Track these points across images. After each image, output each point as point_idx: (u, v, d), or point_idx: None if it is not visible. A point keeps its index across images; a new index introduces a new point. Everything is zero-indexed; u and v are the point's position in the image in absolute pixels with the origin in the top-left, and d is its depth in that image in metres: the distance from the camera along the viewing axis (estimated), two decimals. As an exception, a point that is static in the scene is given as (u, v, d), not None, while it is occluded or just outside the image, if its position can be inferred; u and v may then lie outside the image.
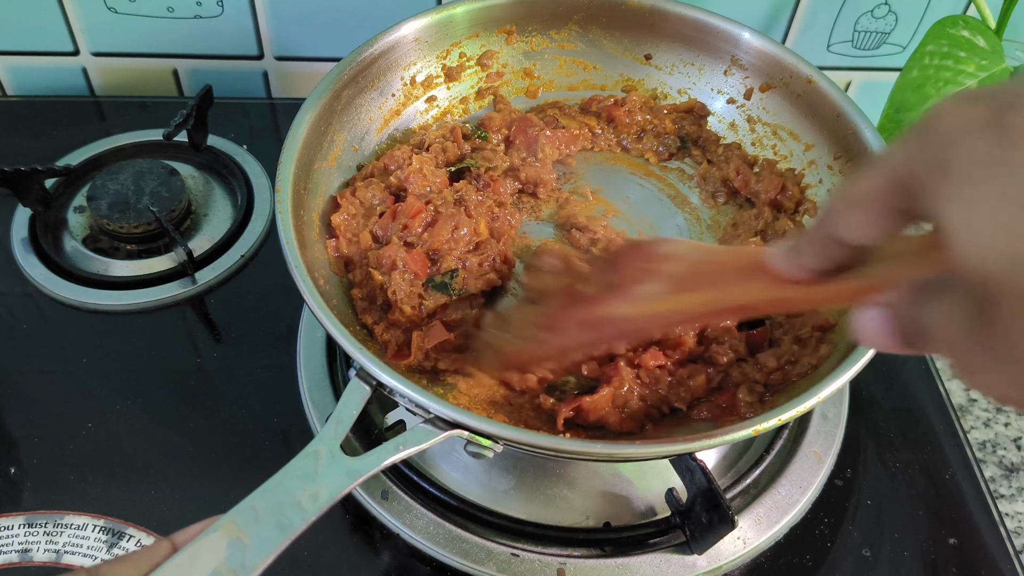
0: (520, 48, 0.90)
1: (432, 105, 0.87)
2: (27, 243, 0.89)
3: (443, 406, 0.55)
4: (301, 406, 0.78)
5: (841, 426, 0.80)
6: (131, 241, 0.90)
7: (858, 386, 0.84)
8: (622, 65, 0.91)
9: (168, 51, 1.07)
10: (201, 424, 0.77)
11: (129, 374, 0.80)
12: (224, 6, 1.02)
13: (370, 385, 0.57)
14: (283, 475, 0.51)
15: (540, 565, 0.69)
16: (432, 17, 0.83)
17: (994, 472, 0.82)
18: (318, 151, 0.74)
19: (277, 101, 1.11)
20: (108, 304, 0.84)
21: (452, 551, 0.69)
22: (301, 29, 1.04)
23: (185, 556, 0.44)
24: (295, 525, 0.48)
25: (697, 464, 0.65)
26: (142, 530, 0.69)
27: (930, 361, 0.87)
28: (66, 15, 1.02)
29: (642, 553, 0.70)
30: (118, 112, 1.05)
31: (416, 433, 0.55)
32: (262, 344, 0.83)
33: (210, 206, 0.95)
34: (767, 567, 0.71)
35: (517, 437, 0.54)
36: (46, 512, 0.70)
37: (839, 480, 0.77)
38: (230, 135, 1.01)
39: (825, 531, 0.73)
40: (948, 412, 0.83)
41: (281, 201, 0.66)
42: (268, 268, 0.90)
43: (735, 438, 0.56)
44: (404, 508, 0.71)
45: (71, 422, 0.76)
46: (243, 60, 1.08)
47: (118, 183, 0.90)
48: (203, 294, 0.87)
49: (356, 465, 0.52)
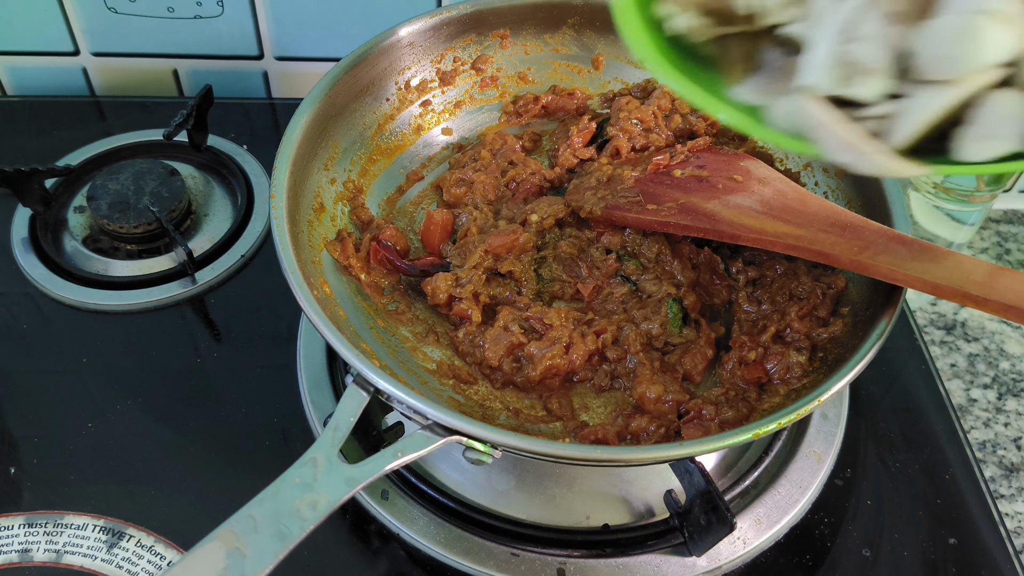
0: (514, 52, 0.90)
1: (427, 109, 0.87)
2: (27, 243, 0.89)
3: (441, 412, 0.55)
4: (301, 406, 0.78)
5: (841, 426, 0.80)
6: (131, 241, 0.90)
7: (858, 386, 0.84)
8: (616, 69, 0.91)
9: (168, 51, 1.07)
10: (201, 424, 0.77)
11: (129, 374, 0.80)
12: (224, 6, 1.01)
13: (368, 391, 0.57)
14: (281, 483, 0.51)
15: (540, 565, 0.69)
16: (426, 21, 0.83)
17: (994, 472, 0.82)
18: (314, 156, 0.74)
19: (277, 101, 1.11)
20: (108, 304, 0.85)
21: (452, 551, 0.69)
22: (301, 29, 1.04)
23: (183, 567, 0.44)
24: (294, 534, 0.48)
25: (696, 466, 0.65)
26: (142, 530, 0.69)
27: (930, 361, 0.87)
28: (66, 15, 1.01)
29: (642, 553, 0.70)
30: (118, 112, 1.05)
31: (415, 439, 0.55)
32: (262, 344, 0.83)
33: (210, 206, 0.95)
34: (767, 567, 0.71)
35: (515, 443, 0.54)
36: (46, 512, 0.70)
37: (839, 480, 0.77)
38: (230, 135, 1.01)
39: (825, 531, 0.73)
40: (948, 412, 0.83)
41: (276, 207, 0.66)
42: (268, 268, 0.90)
43: (733, 442, 0.56)
44: (404, 508, 0.71)
45: (71, 422, 0.76)
46: (243, 60, 1.08)
47: (118, 183, 0.90)
48: (203, 294, 0.87)
49: (355, 472, 0.52)
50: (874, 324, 0.63)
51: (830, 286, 0.71)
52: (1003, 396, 0.88)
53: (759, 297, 0.74)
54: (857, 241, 0.63)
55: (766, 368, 0.69)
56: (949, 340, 0.93)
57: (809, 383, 0.66)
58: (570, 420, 0.70)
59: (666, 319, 0.73)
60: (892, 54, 0.47)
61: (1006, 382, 0.90)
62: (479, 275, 0.74)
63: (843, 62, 0.48)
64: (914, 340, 0.89)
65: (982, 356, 0.92)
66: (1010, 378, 0.90)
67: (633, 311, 0.74)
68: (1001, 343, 0.93)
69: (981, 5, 0.43)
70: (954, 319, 0.95)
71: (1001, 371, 0.91)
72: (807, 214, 0.66)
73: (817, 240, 0.64)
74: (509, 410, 0.70)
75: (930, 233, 1.01)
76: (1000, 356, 0.92)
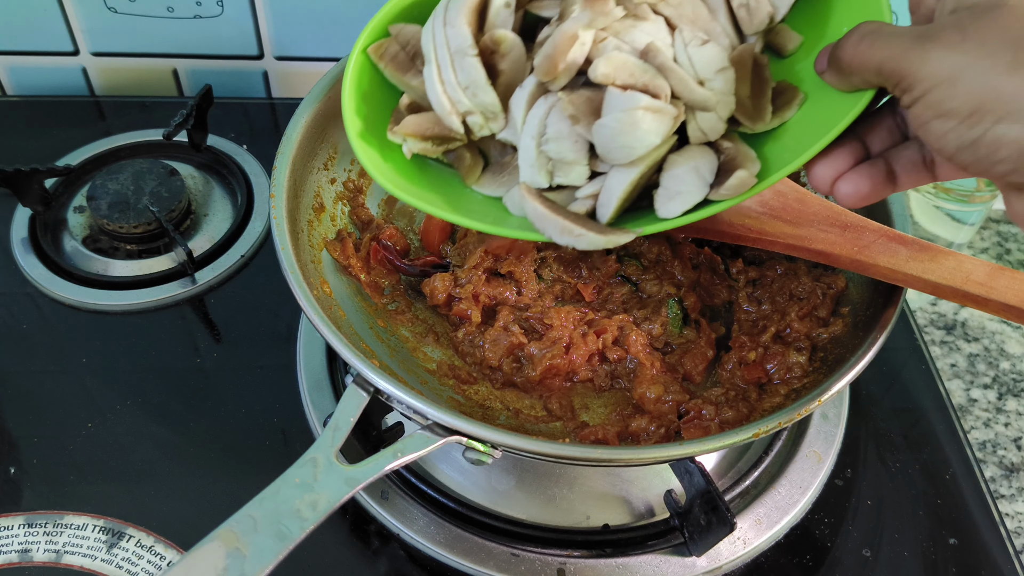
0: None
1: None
2: (27, 243, 0.89)
3: (441, 412, 0.55)
4: (301, 406, 0.78)
5: (841, 426, 0.80)
6: (131, 241, 0.90)
7: (858, 386, 0.84)
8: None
9: (168, 51, 1.07)
10: (201, 424, 0.77)
11: (129, 374, 0.80)
12: (224, 6, 1.01)
13: (367, 391, 0.57)
14: (281, 483, 0.51)
15: (540, 565, 0.69)
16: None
17: (994, 472, 0.82)
18: (314, 156, 0.74)
19: (277, 101, 1.11)
20: (108, 304, 0.85)
21: (452, 551, 0.69)
22: (301, 29, 1.04)
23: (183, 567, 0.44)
24: (294, 534, 0.48)
25: (696, 466, 0.65)
26: (142, 530, 0.69)
27: (930, 361, 0.87)
28: (66, 15, 1.01)
29: (642, 553, 0.70)
30: (118, 112, 1.05)
31: (415, 440, 0.55)
32: (262, 344, 0.83)
33: (210, 206, 0.95)
34: (767, 567, 0.71)
35: (515, 443, 0.54)
36: (46, 512, 0.70)
37: (839, 480, 0.77)
38: (230, 135, 1.01)
39: (825, 531, 0.73)
40: (948, 412, 0.83)
41: (276, 207, 0.66)
42: (268, 268, 0.90)
43: (733, 442, 0.56)
44: (404, 508, 0.71)
45: (71, 422, 0.76)
46: (243, 60, 1.08)
47: (118, 183, 0.90)
48: (203, 294, 0.87)
49: (354, 473, 0.52)
50: (874, 324, 0.63)
51: (830, 286, 0.72)
52: (1003, 396, 0.88)
53: (759, 297, 0.74)
54: (857, 241, 0.63)
55: (766, 368, 0.69)
56: (949, 340, 0.93)
57: (809, 383, 0.67)
58: (570, 420, 0.70)
59: (666, 319, 0.73)
60: (586, 145, 0.56)
61: (1006, 382, 0.89)
62: (479, 275, 0.74)
63: (546, 159, 0.57)
64: (914, 340, 0.89)
65: (982, 356, 0.92)
66: (1010, 378, 0.90)
67: (633, 311, 0.74)
68: (1001, 343, 0.93)
69: (633, 103, 0.51)
70: (954, 319, 0.95)
71: (1001, 371, 0.91)
72: (807, 214, 0.66)
73: (817, 240, 0.65)
74: (509, 410, 0.70)
75: (930, 233, 1.01)
76: (1000, 356, 0.92)
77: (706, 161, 0.55)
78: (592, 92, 0.54)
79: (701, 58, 0.54)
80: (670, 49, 0.55)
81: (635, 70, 0.53)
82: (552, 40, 0.54)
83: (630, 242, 0.73)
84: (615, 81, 0.52)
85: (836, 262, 0.65)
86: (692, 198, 0.54)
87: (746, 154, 0.55)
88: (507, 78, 0.58)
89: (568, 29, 0.53)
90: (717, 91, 0.55)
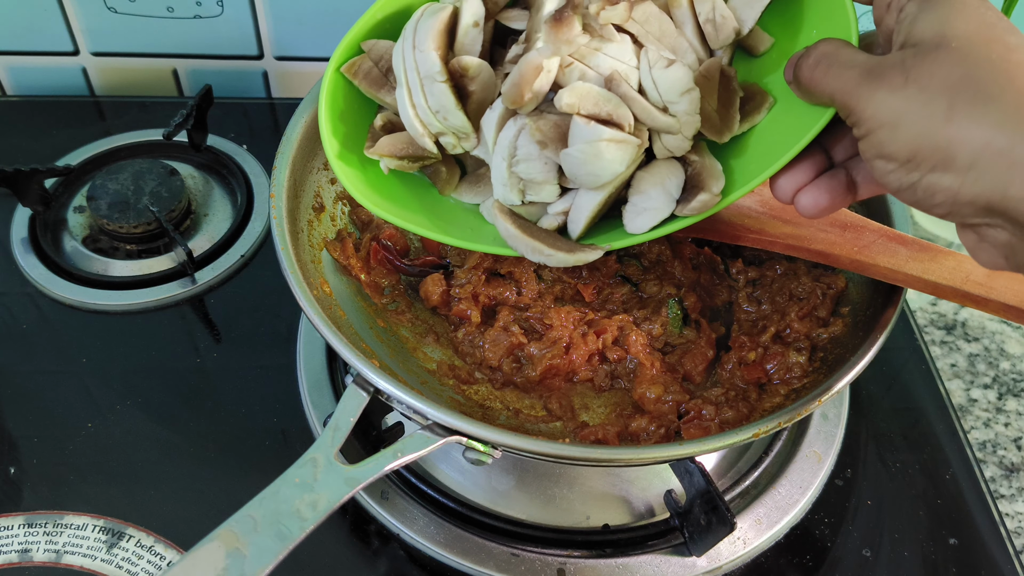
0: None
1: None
2: (27, 243, 0.89)
3: (441, 412, 0.55)
4: (301, 406, 0.78)
5: (841, 426, 0.80)
6: (131, 241, 0.90)
7: (858, 386, 0.84)
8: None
9: (168, 51, 1.07)
10: (201, 424, 0.77)
11: (129, 374, 0.80)
12: (224, 6, 1.01)
13: (367, 391, 0.57)
14: (281, 483, 0.51)
15: (540, 565, 0.69)
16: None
17: (994, 472, 0.82)
18: (314, 156, 0.74)
19: (277, 101, 1.11)
20: (108, 304, 0.85)
21: (452, 551, 0.69)
22: (301, 29, 1.04)
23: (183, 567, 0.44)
24: (294, 534, 0.48)
25: (696, 466, 0.65)
26: (142, 530, 0.69)
27: (930, 361, 0.87)
28: (66, 15, 1.01)
29: (642, 553, 0.70)
30: (118, 112, 1.05)
31: (415, 440, 0.55)
32: (262, 344, 0.83)
33: (210, 206, 0.95)
34: (767, 567, 0.71)
35: (515, 443, 0.54)
36: (46, 512, 0.70)
37: (839, 480, 0.77)
38: (230, 135, 1.01)
39: (825, 531, 0.73)
40: (948, 412, 0.83)
41: (276, 207, 0.66)
42: (268, 268, 0.90)
43: (733, 442, 0.56)
44: (404, 508, 0.71)
45: (71, 422, 0.76)
46: (243, 60, 1.08)
47: (118, 183, 0.90)
48: (203, 294, 0.87)
49: (355, 473, 0.52)
50: (874, 324, 0.63)
51: (830, 286, 0.72)
52: (1003, 396, 0.88)
53: (759, 297, 0.74)
54: (857, 241, 0.63)
55: (766, 368, 0.69)
56: (949, 340, 0.93)
57: (809, 383, 0.66)
58: (570, 420, 0.70)
59: (666, 320, 0.73)
60: (555, 166, 0.57)
61: (1006, 382, 0.89)
62: (479, 275, 0.74)
63: (518, 179, 0.58)
64: (914, 340, 0.89)
65: (982, 356, 0.92)
66: (1010, 378, 0.90)
67: (633, 312, 0.74)
68: (1001, 343, 0.93)
69: (596, 136, 0.53)
70: (954, 319, 0.95)
71: (1001, 371, 0.90)
72: None
73: (817, 240, 0.65)
74: (509, 410, 0.70)
75: (930, 233, 1.01)
76: (1000, 356, 0.92)
77: (673, 177, 0.57)
78: (559, 118, 0.56)
79: (666, 81, 0.55)
80: (635, 72, 0.56)
81: (599, 99, 0.54)
82: (518, 69, 0.55)
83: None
84: (579, 111, 0.54)
85: (836, 262, 0.65)
86: (659, 215, 0.57)
87: (711, 169, 0.56)
88: (478, 97, 0.59)
89: (533, 60, 0.54)
90: (681, 113, 0.56)
